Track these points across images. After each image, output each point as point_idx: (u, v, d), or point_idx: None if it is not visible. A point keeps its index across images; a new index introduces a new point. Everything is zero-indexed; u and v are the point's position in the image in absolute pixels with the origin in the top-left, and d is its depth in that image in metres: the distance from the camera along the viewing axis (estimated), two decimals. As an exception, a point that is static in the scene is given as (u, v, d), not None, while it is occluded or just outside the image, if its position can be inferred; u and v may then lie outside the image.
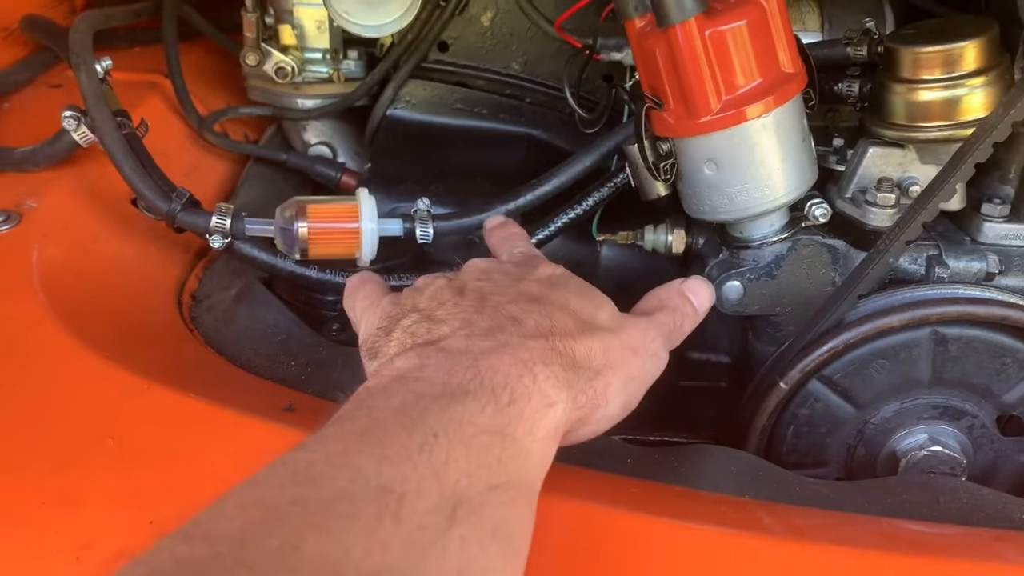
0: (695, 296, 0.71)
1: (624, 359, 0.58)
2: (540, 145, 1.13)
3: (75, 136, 0.87)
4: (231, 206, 0.84)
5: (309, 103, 1.15)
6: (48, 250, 0.81)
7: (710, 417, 0.98)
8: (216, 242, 0.83)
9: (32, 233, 0.82)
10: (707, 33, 0.73)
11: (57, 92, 1.14)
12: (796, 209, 0.83)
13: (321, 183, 1.16)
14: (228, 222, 0.83)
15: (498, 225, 0.82)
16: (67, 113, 0.87)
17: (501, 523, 0.46)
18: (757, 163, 0.77)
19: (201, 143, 1.14)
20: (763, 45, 0.75)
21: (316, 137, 1.18)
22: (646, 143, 0.80)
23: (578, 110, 0.90)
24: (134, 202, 0.95)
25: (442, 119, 1.13)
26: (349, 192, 1.15)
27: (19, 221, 0.84)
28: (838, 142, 0.88)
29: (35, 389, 0.66)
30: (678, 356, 1.02)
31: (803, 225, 0.83)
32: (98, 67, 0.88)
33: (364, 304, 0.66)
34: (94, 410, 0.64)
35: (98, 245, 0.87)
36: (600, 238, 0.98)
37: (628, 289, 1.05)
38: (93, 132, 0.86)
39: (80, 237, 0.86)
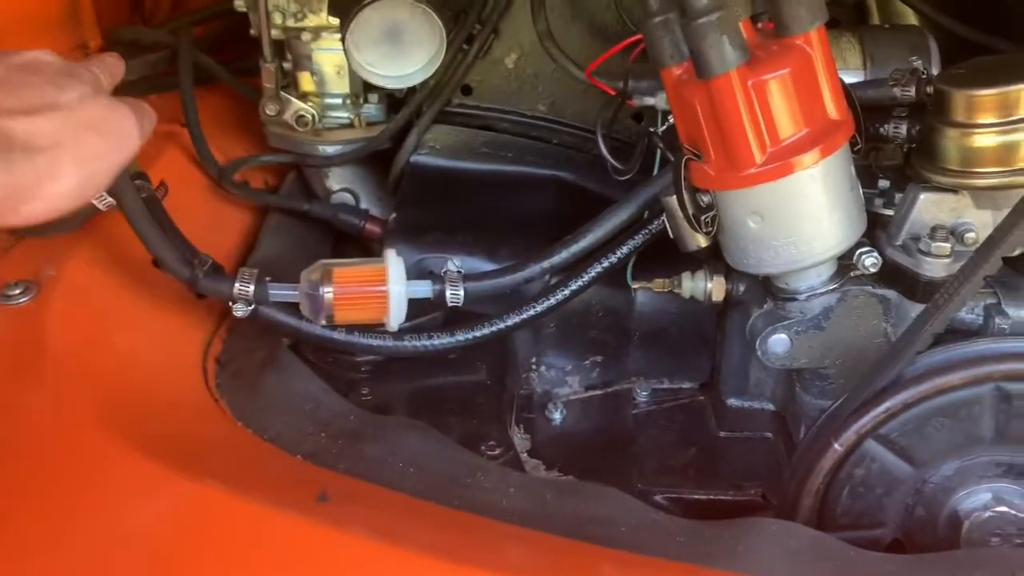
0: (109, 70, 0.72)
1: (77, 136, 0.59)
2: (569, 187, 1.10)
3: (95, 201, 0.85)
4: (254, 271, 0.81)
5: (330, 149, 1.12)
6: (65, 324, 0.78)
7: (756, 470, 0.93)
8: (240, 310, 0.80)
9: (50, 306, 0.79)
10: (750, 83, 0.69)
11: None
12: (844, 258, 0.79)
13: (345, 231, 1.13)
14: (251, 288, 0.80)
15: None
16: (85, 178, 0.84)
17: None
18: (805, 215, 0.73)
19: (221, 193, 1.11)
20: (808, 93, 0.71)
21: (338, 183, 1.16)
22: (685, 195, 0.76)
23: (611, 160, 0.86)
24: (155, 263, 0.93)
25: (467, 164, 1.10)
26: (374, 240, 1.13)
27: (37, 292, 0.81)
28: (884, 183, 0.84)
29: (58, 481, 0.63)
30: (718, 403, 1.00)
31: (852, 275, 0.80)
32: (115, 129, 0.85)
33: None
34: (117, 504, 0.61)
35: (119, 312, 0.85)
36: (636, 286, 0.95)
37: (665, 334, 1.03)
38: (112, 196, 0.84)
39: (100, 306, 0.83)
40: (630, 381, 1.03)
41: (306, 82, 1.09)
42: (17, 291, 0.81)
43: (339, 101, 1.11)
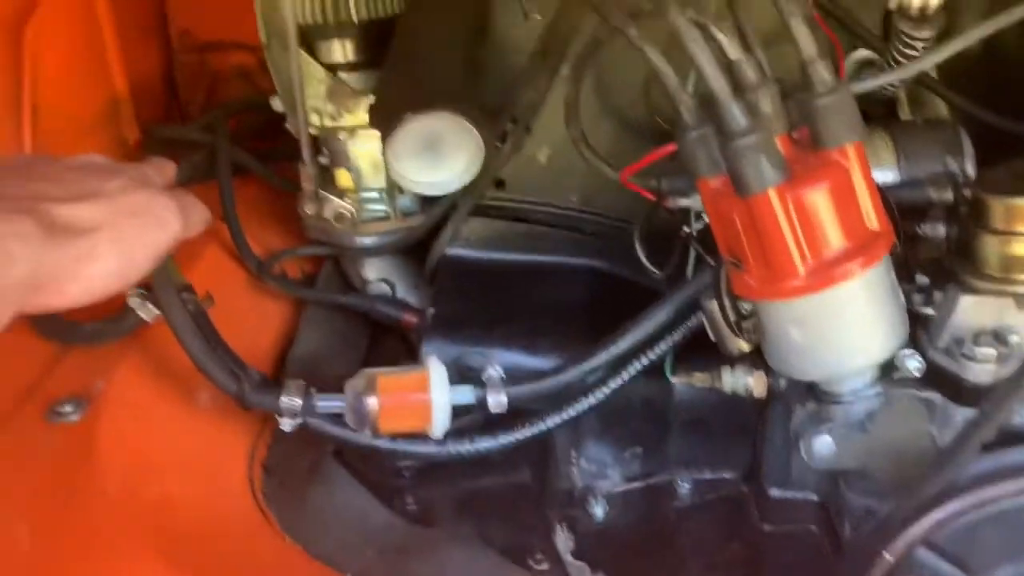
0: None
1: (117, 221, 0.62)
2: (603, 276, 1.10)
3: (141, 314, 0.87)
4: (301, 383, 0.82)
5: (367, 241, 1.14)
6: (115, 442, 0.79)
7: (802, 567, 0.93)
8: (287, 424, 0.81)
9: (101, 423, 0.81)
10: (789, 199, 0.70)
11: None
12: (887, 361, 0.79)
13: (384, 323, 1.14)
14: (299, 401, 0.81)
15: None
16: (133, 291, 0.86)
17: None
18: (848, 325, 0.73)
19: (260, 286, 1.13)
20: (848, 206, 0.71)
21: (375, 274, 1.17)
22: (726, 302, 0.77)
23: (648, 265, 0.87)
24: (200, 368, 0.94)
25: (502, 255, 1.11)
26: (411, 329, 1.14)
27: (87, 408, 0.83)
28: (922, 280, 0.84)
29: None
30: (760, 494, 1.00)
31: (895, 378, 0.79)
32: (163, 242, 0.87)
33: None
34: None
35: (167, 423, 0.86)
36: (676, 380, 0.95)
37: (704, 424, 1.03)
38: (159, 310, 0.85)
39: (148, 419, 0.85)
40: (671, 472, 1.02)
41: (343, 178, 1.10)
42: (68, 408, 0.82)
43: (375, 195, 1.13)
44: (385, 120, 0.89)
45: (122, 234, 0.62)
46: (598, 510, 0.99)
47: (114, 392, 0.85)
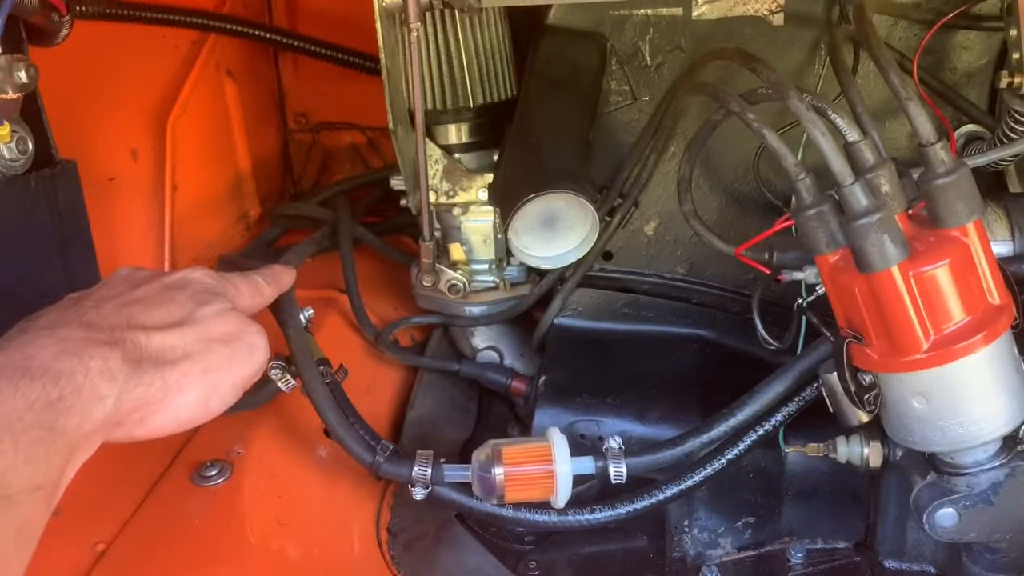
0: (275, 278, 0.79)
1: (207, 349, 0.62)
2: (711, 345, 1.12)
3: (279, 384, 0.92)
4: (430, 453, 0.86)
5: (477, 310, 1.19)
6: (258, 506, 0.84)
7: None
8: (419, 494, 0.84)
9: (244, 487, 0.86)
10: (911, 275, 0.72)
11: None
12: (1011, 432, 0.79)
13: (492, 389, 1.18)
14: (429, 471, 0.85)
15: None
16: (274, 363, 0.91)
17: (30, 523, 0.51)
18: (971, 398, 0.74)
19: (377, 355, 1.19)
20: (969, 281, 0.73)
21: (484, 342, 1.21)
22: (847, 374, 0.78)
23: (767, 337, 0.89)
24: (326, 432, 0.99)
25: (609, 324, 1.15)
26: (519, 396, 1.17)
27: (231, 473, 0.88)
28: (1042, 351, 0.84)
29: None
30: (875, 565, 0.99)
31: (1020, 449, 0.79)
32: (302, 317, 0.93)
33: None
34: None
35: (300, 489, 0.91)
36: (789, 450, 0.96)
37: (816, 493, 1.03)
38: (297, 379, 0.90)
39: (286, 484, 0.89)
40: (783, 542, 1.02)
41: (456, 252, 1.16)
42: (213, 472, 0.88)
43: (485, 266, 1.18)
44: (505, 198, 0.94)
45: (209, 364, 0.63)
46: (711, 578, 1.00)
47: (253, 456, 0.90)
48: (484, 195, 1.11)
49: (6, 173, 0.92)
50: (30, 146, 0.95)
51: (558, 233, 0.96)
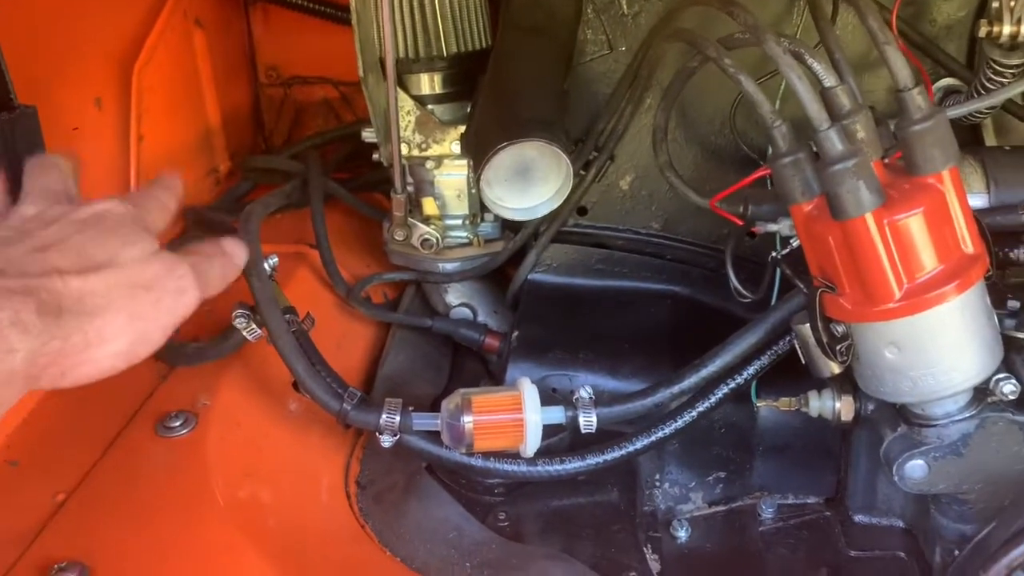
0: (231, 250, 0.71)
1: (131, 296, 0.59)
2: (684, 301, 1.12)
3: (244, 333, 0.90)
4: (399, 401, 0.85)
5: (450, 267, 1.17)
6: (223, 456, 0.83)
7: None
8: (386, 441, 0.83)
9: (209, 438, 0.84)
10: (885, 223, 0.71)
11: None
12: (981, 383, 0.79)
13: (465, 345, 1.17)
14: (397, 419, 0.84)
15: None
16: (238, 312, 0.90)
17: None
18: (943, 347, 0.74)
19: (348, 310, 1.17)
20: (943, 230, 0.73)
21: (457, 298, 1.20)
22: (820, 325, 0.78)
23: (740, 288, 0.88)
24: (294, 385, 0.98)
25: (583, 280, 1.14)
26: (492, 352, 1.16)
27: (196, 423, 0.86)
28: (1014, 304, 0.84)
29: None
30: (845, 520, 0.99)
31: (990, 401, 0.79)
32: (266, 265, 0.91)
33: None
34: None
35: (267, 440, 0.89)
36: (761, 404, 0.96)
37: (788, 448, 1.03)
38: (262, 329, 0.89)
39: (252, 435, 0.88)
40: (754, 497, 1.03)
41: (429, 206, 1.14)
42: (177, 423, 0.86)
43: (459, 222, 1.16)
44: (478, 148, 0.92)
45: (135, 311, 0.58)
46: (681, 533, 1.00)
47: (219, 407, 0.89)
48: (458, 148, 1.10)
49: (-40, 116, 0.89)
50: (-15, 89, 0.92)
51: (532, 184, 0.94)
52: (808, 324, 0.80)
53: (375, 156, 1.17)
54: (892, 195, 0.72)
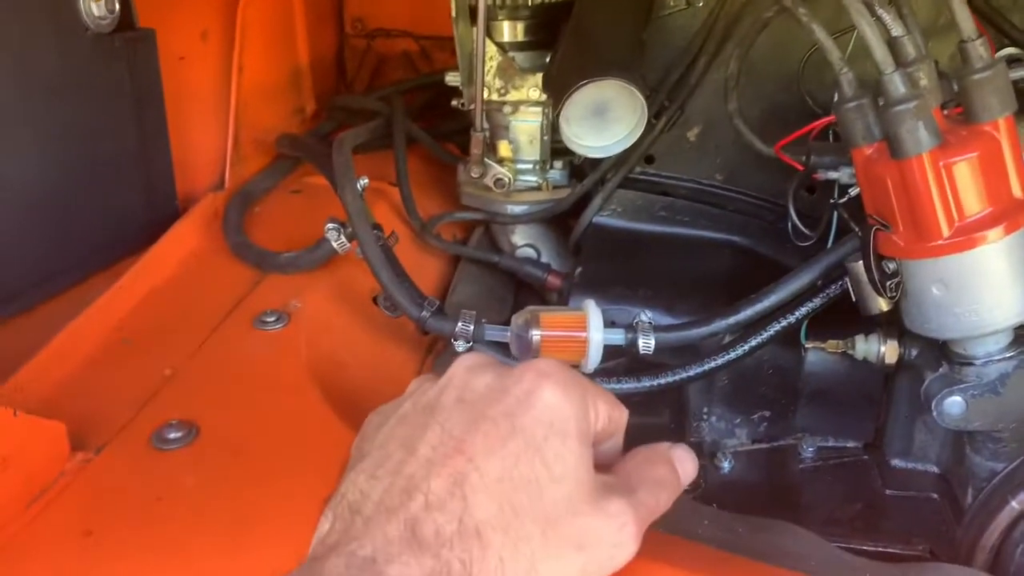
0: (682, 467, 0.61)
1: (549, 556, 0.47)
2: (742, 251, 1.17)
3: (335, 245, 0.98)
4: (473, 312, 0.92)
5: (518, 209, 1.24)
6: (314, 350, 0.91)
7: (923, 527, 0.97)
8: (460, 347, 0.91)
9: (301, 332, 0.93)
10: (941, 164, 0.76)
11: (297, 197, 1.29)
12: (1022, 327, 0.84)
13: (528, 282, 1.24)
14: (471, 328, 0.91)
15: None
16: (330, 225, 0.98)
17: None
18: (987, 286, 0.79)
19: (420, 244, 1.25)
20: (995, 175, 0.77)
21: (523, 239, 1.27)
22: (872, 262, 0.83)
23: (800, 226, 0.94)
24: (375, 300, 1.06)
25: (646, 226, 1.20)
26: (553, 291, 1.23)
27: (288, 321, 0.95)
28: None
29: (320, 474, 0.74)
30: (882, 464, 1.04)
31: (1031, 344, 0.84)
32: (358, 185, 0.99)
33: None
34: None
35: (352, 343, 0.97)
36: (809, 345, 1.01)
37: (832, 394, 1.09)
38: (352, 242, 0.97)
39: (339, 336, 0.96)
40: (796, 437, 1.08)
41: (504, 149, 1.21)
42: (272, 319, 0.95)
43: (529, 167, 1.23)
44: (559, 86, 0.99)
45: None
46: (725, 464, 1.06)
47: (309, 310, 0.97)
48: (535, 94, 1.16)
49: (94, 30, 0.99)
50: (117, 7, 1.01)
51: (607, 123, 1.01)
52: (861, 262, 0.85)
53: (454, 102, 1.25)
54: (949, 139, 0.78)
